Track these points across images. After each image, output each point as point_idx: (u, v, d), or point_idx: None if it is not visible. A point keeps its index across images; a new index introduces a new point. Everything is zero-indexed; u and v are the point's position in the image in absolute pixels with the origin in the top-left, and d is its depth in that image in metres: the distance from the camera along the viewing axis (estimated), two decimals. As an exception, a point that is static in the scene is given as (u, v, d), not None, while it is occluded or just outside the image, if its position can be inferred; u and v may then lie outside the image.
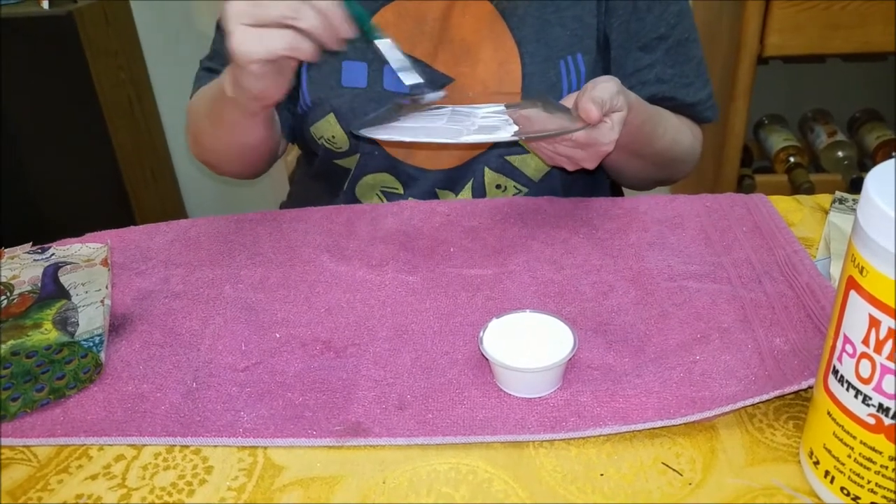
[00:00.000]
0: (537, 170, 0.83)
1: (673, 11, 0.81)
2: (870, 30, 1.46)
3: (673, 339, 0.56)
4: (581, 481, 0.46)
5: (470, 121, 0.67)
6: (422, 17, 0.80)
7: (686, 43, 0.83)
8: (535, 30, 0.79)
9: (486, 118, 0.69)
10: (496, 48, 0.79)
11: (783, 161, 1.74)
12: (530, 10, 0.79)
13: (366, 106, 0.80)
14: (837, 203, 0.73)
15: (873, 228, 0.36)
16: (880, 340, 0.37)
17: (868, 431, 0.39)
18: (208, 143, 0.82)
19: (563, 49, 0.79)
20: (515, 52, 0.79)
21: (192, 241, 0.73)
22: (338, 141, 0.83)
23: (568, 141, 0.66)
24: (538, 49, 0.79)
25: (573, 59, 0.79)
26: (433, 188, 0.84)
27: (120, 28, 1.86)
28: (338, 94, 0.81)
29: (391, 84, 0.80)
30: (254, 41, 0.59)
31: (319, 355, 0.57)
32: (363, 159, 0.84)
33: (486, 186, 0.84)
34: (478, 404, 0.51)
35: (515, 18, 0.79)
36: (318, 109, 0.82)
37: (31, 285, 0.64)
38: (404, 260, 0.68)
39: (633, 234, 0.70)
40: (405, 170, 0.84)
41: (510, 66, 0.79)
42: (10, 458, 0.50)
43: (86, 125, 1.77)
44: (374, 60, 0.80)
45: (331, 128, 0.82)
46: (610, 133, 0.65)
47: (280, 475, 0.47)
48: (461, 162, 0.83)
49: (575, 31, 0.79)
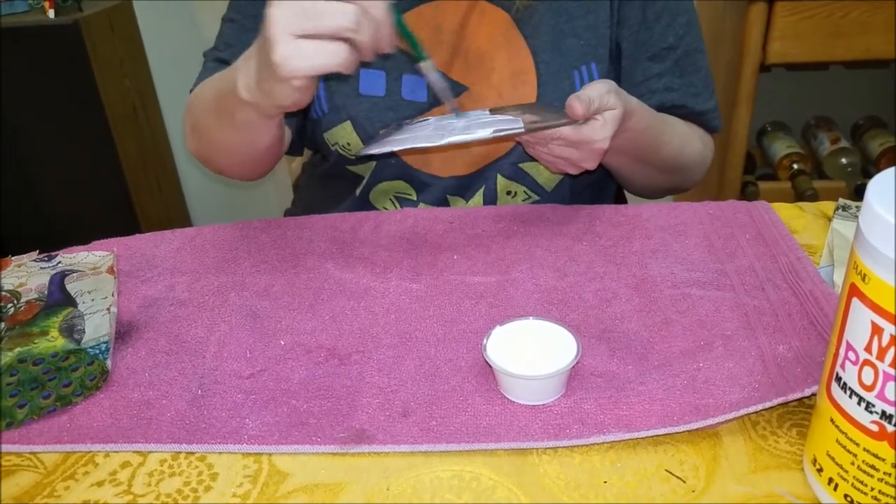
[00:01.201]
0: (550, 178, 0.84)
1: (681, 22, 0.82)
2: (871, 37, 1.46)
3: (676, 346, 0.56)
4: (584, 488, 0.46)
5: (453, 126, 0.68)
6: (438, 25, 0.80)
7: (694, 53, 0.83)
8: (550, 39, 0.80)
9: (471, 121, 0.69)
10: (511, 57, 0.80)
11: (787, 168, 1.74)
12: (545, 19, 0.80)
13: (383, 115, 0.80)
14: (841, 210, 0.73)
15: (875, 236, 0.36)
16: (883, 348, 0.37)
17: (871, 438, 0.39)
18: (213, 140, 0.78)
19: (577, 59, 0.80)
20: (530, 61, 0.80)
21: (198, 249, 0.73)
22: (353, 148, 0.83)
23: (559, 139, 0.66)
24: (553, 58, 0.79)
25: (587, 69, 0.80)
26: (445, 194, 0.85)
27: (125, 37, 1.87)
28: (356, 102, 0.80)
29: (409, 93, 0.80)
30: (305, 56, 0.54)
31: (324, 362, 0.57)
32: (378, 167, 0.84)
33: (498, 193, 0.84)
34: (481, 411, 0.51)
35: (530, 28, 0.80)
36: (335, 116, 0.82)
37: (38, 293, 0.64)
38: (408, 267, 0.69)
39: (636, 241, 0.71)
40: (419, 177, 0.84)
41: (525, 76, 0.80)
42: (17, 465, 0.50)
43: (91, 133, 1.78)
44: (392, 69, 0.80)
45: (347, 135, 0.82)
46: (602, 130, 0.66)
47: (285, 482, 0.48)
48: (475, 169, 0.83)
49: (588, 41, 0.80)
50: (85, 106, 1.74)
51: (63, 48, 1.68)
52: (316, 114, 0.83)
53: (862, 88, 1.84)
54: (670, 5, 0.81)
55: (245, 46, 0.73)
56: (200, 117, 0.78)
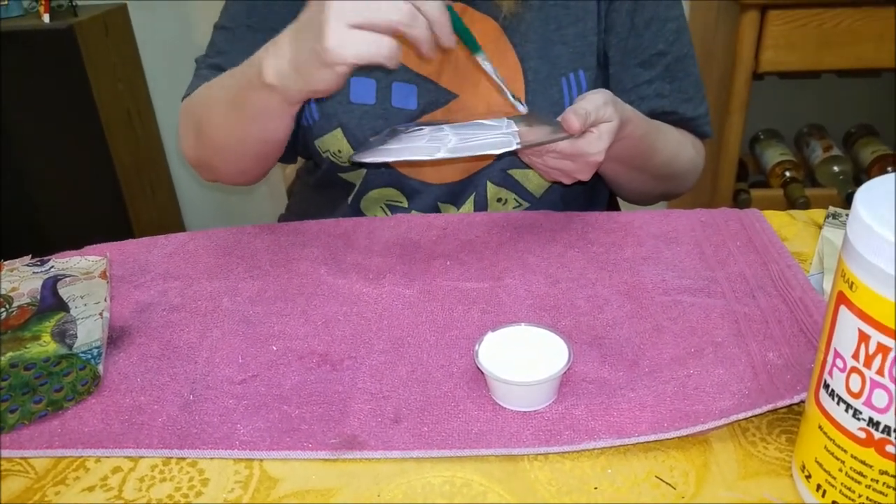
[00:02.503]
0: (539, 185, 0.84)
1: (671, 28, 0.82)
2: (863, 46, 1.47)
3: (667, 352, 0.57)
4: (575, 494, 0.46)
5: (448, 137, 0.68)
6: None
7: (684, 59, 0.84)
8: (538, 47, 0.80)
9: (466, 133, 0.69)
10: (500, 65, 0.80)
11: (779, 176, 1.75)
12: (533, 27, 0.80)
13: (374, 123, 0.80)
14: (831, 218, 0.73)
15: (862, 244, 0.37)
16: (870, 355, 0.37)
17: (859, 445, 0.39)
18: (218, 136, 0.77)
19: (565, 66, 0.80)
20: (519, 68, 0.80)
21: (191, 254, 0.73)
22: (343, 155, 0.83)
23: (554, 152, 0.67)
24: (541, 66, 0.80)
25: (575, 76, 0.80)
26: (436, 201, 0.85)
27: (120, 41, 1.87)
28: (346, 109, 0.81)
29: (399, 101, 0.81)
30: (357, 44, 0.57)
31: (316, 368, 0.57)
32: (369, 175, 0.85)
33: (489, 200, 0.84)
34: (473, 417, 0.52)
35: (518, 35, 0.80)
36: (325, 123, 0.82)
37: (31, 297, 0.64)
38: (401, 273, 0.69)
39: (628, 248, 0.71)
40: (410, 184, 0.84)
41: (514, 84, 0.80)
42: (8, 470, 0.50)
43: (85, 138, 1.78)
44: (382, 78, 0.80)
45: (337, 142, 0.82)
46: (597, 143, 0.66)
47: (276, 487, 0.48)
48: (465, 176, 0.84)
49: (577, 49, 0.80)
50: (79, 110, 1.74)
51: (58, 53, 1.68)
52: (306, 121, 0.84)
53: (854, 97, 1.85)
54: (660, 12, 0.81)
55: (239, 53, 0.73)
56: (203, 115, 0.77)
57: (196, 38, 1.94)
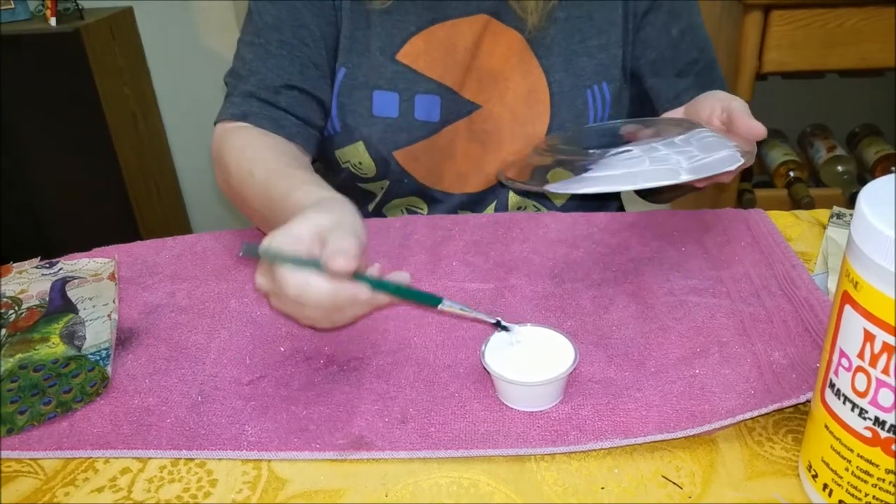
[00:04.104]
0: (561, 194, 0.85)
1: (702, 36, 0.84)
2: (866, 46, 1.47)
3: (673, 353, 0.57)
4: (582, 495, 0.46)
5: (643, 160, 0.63)
6: (452, 45, 0.80)
7: (713, 64, 0.85)
8: (563, 59, 0.81)
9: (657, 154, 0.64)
10: (524, 76, 0.81)
11: (783, 176, 1.75)
12: (557, 40, 0.81)
13: (397, 136, 0.81)
14: (835, 218, 0.73)
15: (866, 244, 0.37)
16: (875, 354, 0.38)
17: (865, 444, 0.40)
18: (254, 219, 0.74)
19: (589, 78, 0.81)
20: (543, 80, 0.81)
21: (198, 256, 0.74)
22: (364, 168, 0.83)
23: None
24: (565, 78, 0.81)
25: (599, 88, 0.82)
26: (456, 209, 0.86)
27: (126, 45, 1.88)
28: (369, 122, 0.81)
29: (423, 114, 0.81)
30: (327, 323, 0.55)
31: (323, 369, 0.58)
32: (392, 186, 0.85)
33: (510, 209, 0.86)
34: (479, 418, 0.52)
35: (543, 48, 0.81)
36: (347, 135, 0.82)
37: (39, 299, 0.65)
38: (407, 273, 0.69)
39: (633, 248, 0.71)
40: (431, 193, 0.85)
41: (538, 95, 0.81)
42: (17, 471, 0.50)
43: (91, 140, 1.78)
44: (405, 90, 0.80)
45: (359, 155, 0.82)
46: (760, 126, 0.67)
47: (284, 488, 0.48)
48: (486, 187, 0.85)
49: (601, 61, 0.81)
50: (86, 113, 1.75)
51: (64, 56, 1.69)
52: (328, 132, 0.84)
53: (858, 97, 1.84)
54: (692, 20, 0.83)
55: (270, 72, 0.74)
56: (236, 200, 0.75)
57: (203, 42, 1.94)
